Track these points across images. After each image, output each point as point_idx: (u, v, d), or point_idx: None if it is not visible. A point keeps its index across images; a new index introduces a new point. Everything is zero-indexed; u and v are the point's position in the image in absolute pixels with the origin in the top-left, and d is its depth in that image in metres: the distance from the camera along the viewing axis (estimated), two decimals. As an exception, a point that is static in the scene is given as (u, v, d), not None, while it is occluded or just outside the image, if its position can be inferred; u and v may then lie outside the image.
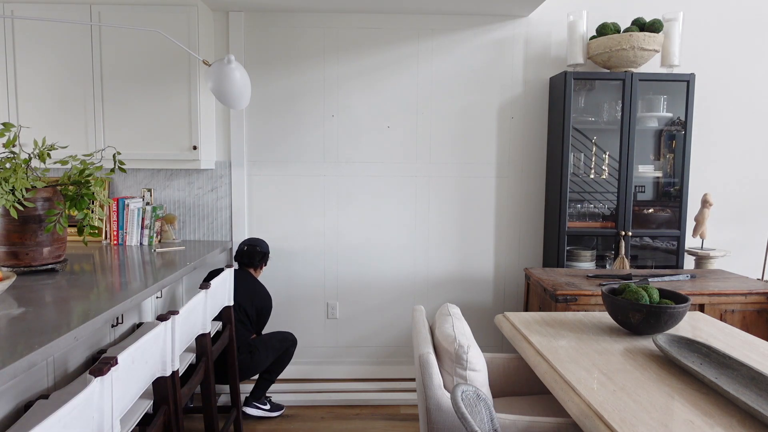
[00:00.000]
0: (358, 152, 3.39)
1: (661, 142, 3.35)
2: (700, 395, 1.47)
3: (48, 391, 1.74)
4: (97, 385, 1.24)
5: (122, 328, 2.33)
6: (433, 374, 1.75)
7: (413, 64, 3.35)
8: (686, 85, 3.10)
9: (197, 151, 3.04)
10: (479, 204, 3.44)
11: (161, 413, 1.68)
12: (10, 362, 1.27)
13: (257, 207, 3.41)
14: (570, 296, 2.52)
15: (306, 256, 3.44)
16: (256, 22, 3.29)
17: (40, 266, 2.24)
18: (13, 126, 2.16)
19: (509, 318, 2.22)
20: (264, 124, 3.36)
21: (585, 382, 1.55)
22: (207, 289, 2.19)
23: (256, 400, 2.90)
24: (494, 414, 1.53)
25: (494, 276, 3.49)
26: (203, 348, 2.18)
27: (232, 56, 2.54)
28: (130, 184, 3.35)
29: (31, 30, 2.97)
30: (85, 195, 2.28)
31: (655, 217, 3.28)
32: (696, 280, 2.77)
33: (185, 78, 3.01)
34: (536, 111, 3.40)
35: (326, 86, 3.34)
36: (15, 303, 1.81)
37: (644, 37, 2.98)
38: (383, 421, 2.89)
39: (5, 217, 2.15)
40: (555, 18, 3.34)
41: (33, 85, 3.00)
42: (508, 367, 2.25)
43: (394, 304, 3.49)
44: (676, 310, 1.85)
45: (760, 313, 2.60)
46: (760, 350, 1.82)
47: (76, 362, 1.93)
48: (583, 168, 3.27)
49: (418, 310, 2.23)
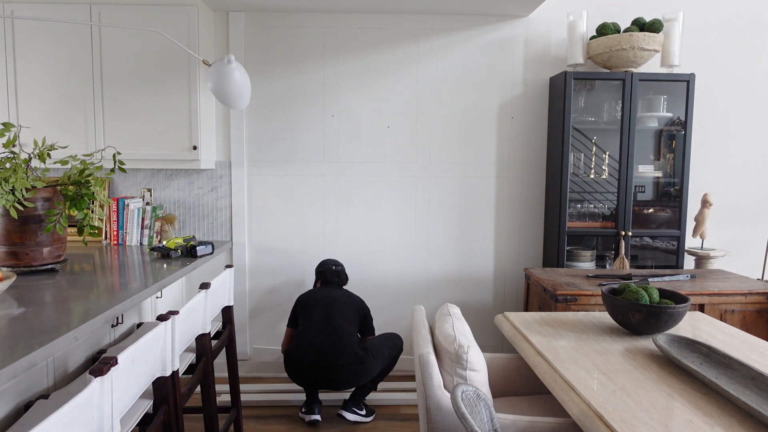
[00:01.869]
0: (358, 152, 3.39)
1: (661, 142, 3.35)
2: (700, 395, 1.47)
3: (48, 391, 1.74)
4: (97, 385, 1.24)
5: (122, 328, 2.33)
6: (433, 374, 1.75)
7: (413, 64, 3.35)
8: (686, 85, 3.10)
9: (197, 151, 3.04)
10: (479, 204, 3.44)
11: (161, 413, 1.68)
12: (10, 362, 1.27)
13: (257, 207, 3.41)
14: (570, 296, 2.52)
15: (306, 256, 3.43)
16: (256, 22, 3.29)
17: (40, 266, 2.24)
18: (13, 126, 2.16)
19: (509, 318, 2.22)
20: (264, 124, 3.36)
21: (585, 382, 1.54)
22: (207, 289, 2.19)
23: (355, 405, 2.85)
24: (494, 414, 1.53)
25: (494, 276, 3.49)
26: (203, 348, 2.18)
27: (232, 56, 2.54)
28: (130, 184, 3.35)
29: (31, 30, 2.97)
30: (85, 195, 2.28)
31: (655, 217, 3.28)
32: (696, 280, 2.77)
33: (185, 78, 3.02)
34: (536, 111, 3.40)
35: (326, 86, 3.34)
36: (15, 303, 1.81)
37: (644, 37, 2.98)
38: (383, 421, 2.89)
39: (5, 217, 2.15)
40: (555, 18, 3.34)
41: (33, 85, 3.00)
42: (508, 367, 2.25)
43: (394, 304, 3.49)
44: (676, 310, 1.85)
45: (760, 313, 2.60)
46: (760, 350, 1.82)
47: (76, 362, 1.93)
48: (583, 168, 3.27)
49: (418, 310, 2.23)
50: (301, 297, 2.97)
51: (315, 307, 2.84)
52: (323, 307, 2.82)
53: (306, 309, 2.88)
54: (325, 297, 2.88)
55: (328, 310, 2.80)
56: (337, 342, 2.70)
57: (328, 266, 3.06)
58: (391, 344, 2.88)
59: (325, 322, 2.76)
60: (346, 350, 2.68)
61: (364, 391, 2.88)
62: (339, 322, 2.76)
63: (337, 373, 2.68)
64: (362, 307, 2.95)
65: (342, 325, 2.76)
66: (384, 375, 2.90)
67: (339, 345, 2.69)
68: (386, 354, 2.83)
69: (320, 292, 2.93)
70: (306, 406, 2.89)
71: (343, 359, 2.67)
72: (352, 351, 2.70)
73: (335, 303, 2.84)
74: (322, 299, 2.87)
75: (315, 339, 2.72)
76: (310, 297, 2.93)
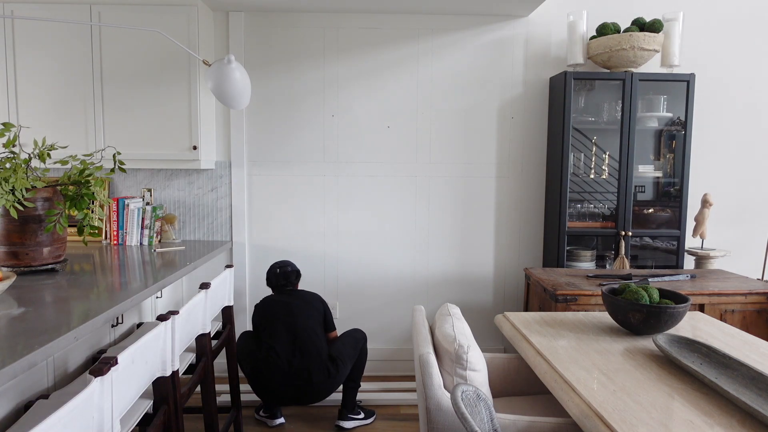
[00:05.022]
0: (359, 152, 3.39)
1: (661, 142, 3.35)
2: (700, 395, 1.47)
3: (48, 391, 1.74)
4: (97, 385, 1.24)
5: (122, 328, 2.33)
6: (433, 374, 1.75)
7: (413, 64, 3.35)
8: (686, 85, 3.10)
9: (197, 151, 3.04)
10: (479, 204, 3.44)
11: (161, 413, 1.68)
12: (10, 362, 1.27)
13: (257, 207, 3.41)
14: (570, 296, 2.52)
15: (306, 256, 3.44)
16: (257, 22, 3.29)
17: (40, 266, 2.24)
18: (13, 126, 2.16)
19: (509, 318, 2.22)
20: (264, 124, 3.36)
21: (585, 382, 1.54)
22: (207, 289, 2.19)
23: (350, 412, 2.79)
24: (494, 414, 1.53)
25: (494, 276, 3.49)
26: (203, 348, 2.18)
27: (232, 56, 2.53)
28: (130, 184, 3.35)
29: (31, 30, 2.97)
30: (85, 195, 2.28)
31: (655, 217, 3.28)
32: (696, 280, 2.77)
33: (185, 78, 3.02)
34: (536, 111, 3.40)
35: (326, 86, 3.34)
36: (15, 303, 1.81)
37: (644, 37, 2.98)
38: (383, 421, 2.89)
39: (5, 217, 2.15)
40: (555, 18, 3.34)
41: (33, 85, 3.00)
42: (508, 367, 2.25)
43: (394, 304, 3.49)
44: (676, 310, 1.85)
45: (760, 313, 2.60)
46: (760, 350, 1.82)
47: (76, 362, 1.93)
48: (583, 168, 3.27)
49: (418, 310, 2.23)
50: (258, 306, 2.79)
51: (276, 323, 2.65)
52: (284, 323, 2.64)
53: (267, 322, 2.69)
54: (283, 308, 2.70)
55: (290, 325, 2.63)
56: (307, 361, 2.57)
57: (273, 271, 2.88)
58: (353, 340, 2.76)
59: (291, 340, 2.61)
60: (319, 368, 2.57)
61: (350, 393, 2.80)
62: (305, 336, 2.61)
63: (311, 389, 2.57)
64: (320, 303, 2.79)
65: (308, 337, 2.61)
66: (359, 370, 2.80)
67: (310, 363, 2.56)
68: (351, 353, 2.70)
69: (277, 304, 2.73)
70: (267, 410, 2.82)
71: (316, 377, 2.56)
72: (324, 367, 2.58)
73: (296, 314, 2.67)
74: (282, 312, 2.68)
75: (284, 363, 2.56)
76: (268, 309, 2.73)
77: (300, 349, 2.60)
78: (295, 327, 2.63)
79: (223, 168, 3.37)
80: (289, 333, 2.63)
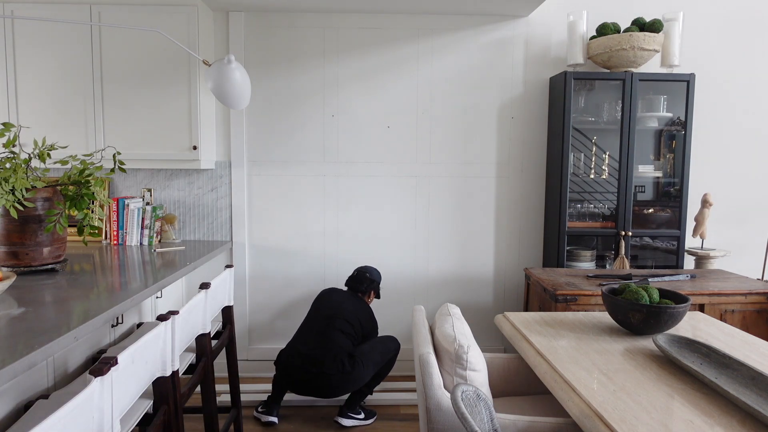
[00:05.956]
0: (359, 152, 3.39)
1: (661, 142, 3.35)
2: (700, 395, 1.47)
3: (48, 391, 1.74)
4: (97, 385, 1.24)
5: (122, 328, 2.33)
6: (433, 374, 1.75)
7: (413, 64, 3.35)
8: (686, 85, 3.10)
9: (197, 151, 3.04)
10: (479, 204, 3.44)
11: (161, 413, 1.68)
12: (10, 362, 1.27)
13: (257, 207, 3.41)
14: (570, 296, 2.52)
15: (306, 256, 3.43)
16: (256, 22, 3.29)
17: (40, 266, 2.24)
18: (13, 126, 2.16)
19: (509, 318, 2.22)
20: (264, 124, 3.36)
21: (585, 382, 1.54)
22: (207, 289, 2.19)
23: (350, 410, 2.81)
24: (494, 414, 1.53)
25: (494, 276, 3.49)
26: (203, 348, 2.18)
27: (232, 56, 2.54)
28: (130, 184, 3.35)
29: (31, 30, 2.97)
30: (85, 195, 2.28)
31: (655, 217, 3.28)
32: (696, 280, 2.77)
33: (185, 78, 3.02)
34: (536, 111, 3.40)
35: (326, 86, 3.34)
36: (15, 303, 1.81)
37: (644, 37, 2.98)
38: (383, 421, 2.89)
39: (5, 217, 2.15)
40: (555, 18, 3.34)
41: (33, 85, 3.00)
42: (508, 367, 2.25)
43: (394, 304, 3.49)
44: (676, 310, 1.85)
45: (760, 313, 2.60)
46: (760, 350, 1.82)
47: (76, 362, 1.93)
48: (583, 168, 3.27)
49: (418, 310, 2.23)
50: (321, 293, 3.01)
51: (319, 311, 2.86)
52: (324, 314, 2.81)
53: (313, 307, 2.93)
54: (330, 301, 2.89)
55: (328, 318, 2.79)
56: (325, 351, 2.67)
57: (357, 269, 3.11)
58: (384, 348, 2.82)
59: (320, 330, 2.75)
60: (334, 359, 2.64)
61: (358, 396, 2.83)
62: (333, 333, 2.72)
63: (325, 382, 2.64)
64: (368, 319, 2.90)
65: (335, 335, 2.72)
66: (380, 379, 2.87)
67: (327, 354, 2.66)
68: (378, 359, 2.77)
69: (331, 294, 2.96)
70: (265, 405, 2.86)
71: (329, 368, 2.63)
72: (339, 360, 2.65)
73: (338, 314, 2.79)
74: (327, 305, 2.86)
75: (305, 346, 2.72)
76: (321, 296, 2.98)
77: (321, 341, 2.71)
78: (328, 323, 2.77)
79: (223, 168, 3.37)
80: (321, 325, 2.77)
